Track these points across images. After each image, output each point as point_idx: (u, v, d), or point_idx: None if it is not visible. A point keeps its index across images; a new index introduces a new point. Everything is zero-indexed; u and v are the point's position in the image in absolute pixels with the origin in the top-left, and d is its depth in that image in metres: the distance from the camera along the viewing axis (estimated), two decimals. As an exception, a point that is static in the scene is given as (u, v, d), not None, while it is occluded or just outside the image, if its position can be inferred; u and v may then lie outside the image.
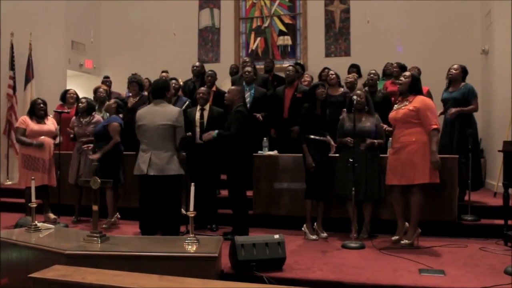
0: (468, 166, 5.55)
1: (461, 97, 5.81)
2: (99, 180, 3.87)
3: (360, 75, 7.96)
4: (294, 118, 6.14)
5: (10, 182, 8.57)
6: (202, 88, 5.98)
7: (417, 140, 4.78)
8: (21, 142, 6.19)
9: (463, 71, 5.96)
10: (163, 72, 7.95)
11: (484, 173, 7.96)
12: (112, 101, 6.27)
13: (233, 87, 5.57)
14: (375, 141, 5.19)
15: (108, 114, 6.28)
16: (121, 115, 6.26)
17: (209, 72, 7.04)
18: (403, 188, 4.93)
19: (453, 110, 5.75)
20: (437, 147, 4.76)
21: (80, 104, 6.38)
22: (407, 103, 4.92)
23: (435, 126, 4.75)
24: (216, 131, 5.25)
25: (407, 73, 5.10)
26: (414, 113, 4.80)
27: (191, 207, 3.78)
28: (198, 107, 5.88)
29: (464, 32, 8.77)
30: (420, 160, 4.75)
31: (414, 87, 4.97)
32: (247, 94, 6.71)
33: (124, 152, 6.08)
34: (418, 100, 4.85)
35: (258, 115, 6.55)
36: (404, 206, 4.99)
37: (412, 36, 9.08)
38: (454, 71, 5.92)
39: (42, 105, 6.24)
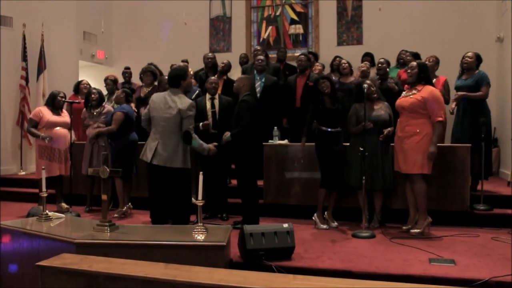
0: (481, 155, 5.49)
1: (474, 85, 5.75)
2: (108, 169, 3.88)
3: (373, 64, 7.85)
4: (307, 107, 6.07)
5: (24, 173, 8.64)
6: (213, 78, 5.94)
7: (420, 132, 4.79)
8: (30, 133, 6.50)
9: (477, 59, 5.88)
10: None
11: (498, 162, 7.86)
12: (120, 91, 6.28)
13: (242, 76, 5.53)
14: (391, 129, 5.13)
15: (118, 105, 6.28)
16: (132, 104, 6.28)
17: (225, 61, 7.11)
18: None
19: (459, 93, 5.71)
20: (438, 139, 4.81)
21: (92, 96, 6.36)
22: (415, 92, 4.88)
23: (440, 119, 4.76)
24: (228, 134, 5.19)
25: (413, 64, 5.04)
26: (421, 104, 4.78)
27: (199, 196, 3.78)
28: (208, 97, 5.85)
29: (479, 19, 8.59)
30: (421, 151, 4.77)
31: (423, 76, 4.91)
32: (257, 83, 6.67)
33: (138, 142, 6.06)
34: (427, 91, 4.81)
35: None
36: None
37: (425, 23, 8.91)
38: (469, 59, 5.84)
39: (64, 98, 6.43)
